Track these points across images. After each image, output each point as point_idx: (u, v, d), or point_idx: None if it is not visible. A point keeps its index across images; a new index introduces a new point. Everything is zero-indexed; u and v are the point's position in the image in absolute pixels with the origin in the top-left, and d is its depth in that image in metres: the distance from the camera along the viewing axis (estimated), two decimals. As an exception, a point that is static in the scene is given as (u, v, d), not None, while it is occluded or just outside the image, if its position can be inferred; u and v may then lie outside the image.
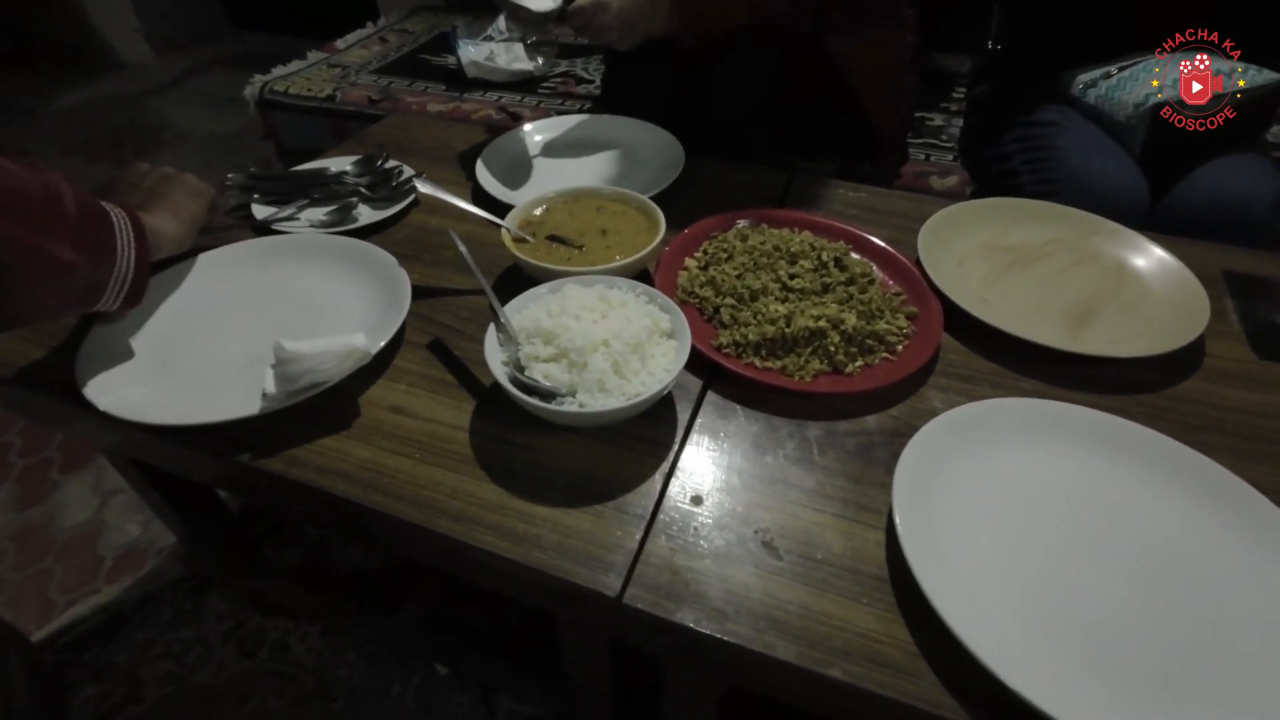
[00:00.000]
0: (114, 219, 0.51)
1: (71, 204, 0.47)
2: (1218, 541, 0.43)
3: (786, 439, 0.52)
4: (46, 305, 0.48)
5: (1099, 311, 0.63)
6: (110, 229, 0.51)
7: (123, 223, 0.52)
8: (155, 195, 0.62)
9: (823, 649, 0.39)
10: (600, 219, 0.68)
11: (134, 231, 0.53)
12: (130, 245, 0.52)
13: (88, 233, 0.48)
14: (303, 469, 0.49)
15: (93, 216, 0.50)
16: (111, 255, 0.51)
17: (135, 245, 0.52)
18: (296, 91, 1.45)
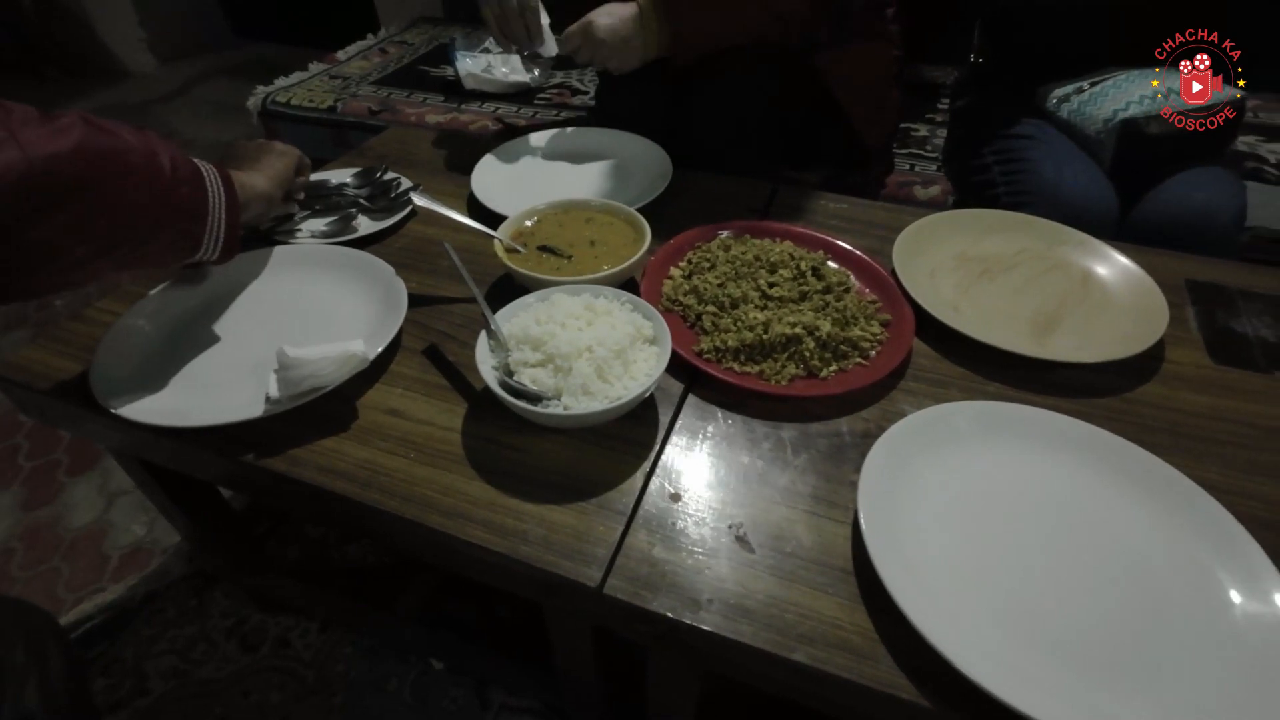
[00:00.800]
0: (205, 174, 0.57)
1: (167, 161, 0.52)
2: (1160, 534, 0.46)
3: (762, 439, 0.55)
4: (154, 255, 0.54)
5: (1064, 318, 0.66)
6: (202, 183, 0.56)
7: (213, 177, 0.57)
8: (245, 158, 0.71)
9: (789, 635, 0.42)
10: (589, 230, 0.71)
11: (224, 185, 0.58)
12: (221, 198, 0.57)
13: (182, 187, 0.54)
14: (304, 468, 0.52)
15: (187, 171, 0.55)
16: (204, 207, 0.56)
17: (226, 197, 0.58)
18: (298, 103, 1.49)
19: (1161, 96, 0.80)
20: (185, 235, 0.55)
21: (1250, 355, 0.62)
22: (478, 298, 0.58)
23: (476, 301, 0.58)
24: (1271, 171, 1.17)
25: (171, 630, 0.90)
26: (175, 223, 0.54)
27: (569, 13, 0.82)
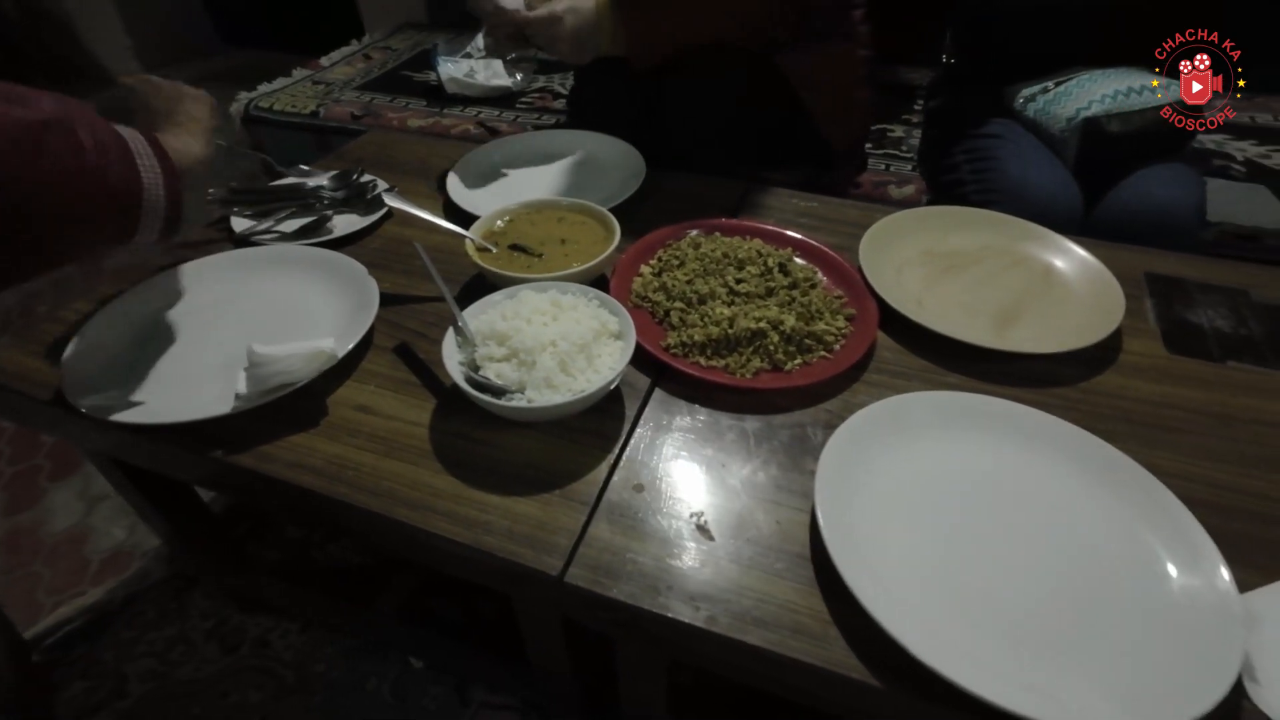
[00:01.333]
0: (133, 149, 0.50)
1: (88, 136, 0.46)
2: (1107, 517, 0.47)
3: (726, 431, 0.56)
4: (81, 244, 0.48)
5: (1025, 312, 0.67)
6: (131, 160, 0.49)
7: (143, 149, 0.50)
8: (160, 113, 0.62)
9: (745, 619, 0.43)
10: (560, 229, 0.72)
11: (158, 158, 0.51)
12: (156, 173, 0.50)
13: (111, 166, 0.47)
14: (273, 464, 0.52)
15: (111, 147, 0.48)
16: (137, 186, 0.49)
17: (162, 172, 0.50)
18: (281, 108, 1.49)
19: (1123, 96, 0.82)
20: (118, 222, 0.48)
21: (1205, 345, 0.64)
22: (445, 294, 0.59)
23: (445, 300, 0.59)
24: (1239, 169, 1.19)
25: (151, 632, 0.91)
26: (104, 210, 0.47)
27: None
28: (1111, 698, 0.37)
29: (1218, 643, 0.39)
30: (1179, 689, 0.37)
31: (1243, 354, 0.62)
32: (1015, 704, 0.36)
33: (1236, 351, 0.63)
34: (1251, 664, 0.39)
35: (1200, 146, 1.24)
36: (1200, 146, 1.24)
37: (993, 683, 0.37)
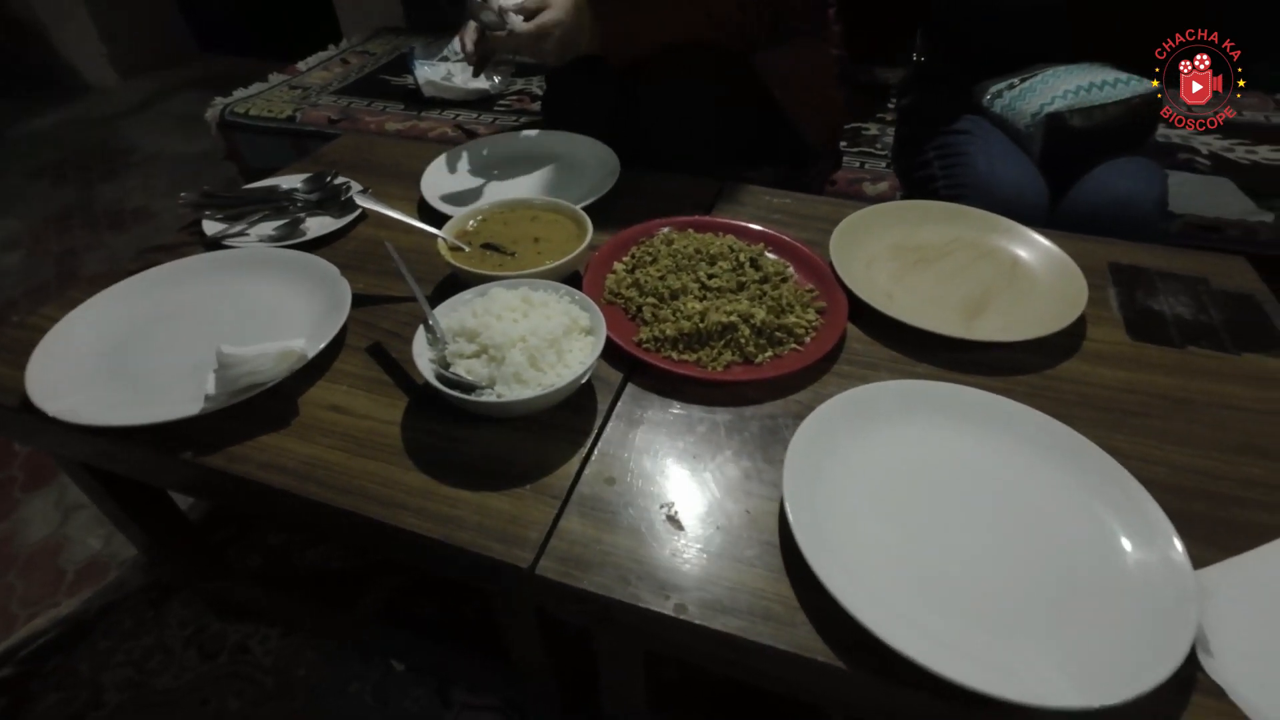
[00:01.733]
0: None
1: None
2: (1068, 499, 0.48)
3: (698, 423, 0.56)
4: None
5: (992, 302, 0.68)
6: None
7: None
8: None
9: (714, 607, 0.43)
10: (534, 228, 0.73)
11: None
12: None
13: None
14: (244, 465, 0.52)
15: None
16: None
17: None
18: (257, 113, 1.49)
19: (1084, 91, 0.84)
20: None
21: (1166, 332, 0.65)
22: (415, 293, 0.59)
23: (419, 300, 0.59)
24: (1203, 162, 1.22)
25: (128, 642, 0.89)
26: None
27: None
28: (1068, 671, 0.38)
29: (1172, 617, 0.40)
30: (1134, 661, 0.38)
31: (1202, 339, 0.64)
32: (974, 680, 0.37)
33: (1196, 337, 0.64)
34: (1205, 636, 0.40)
35: (1166, 141, 1.27)
36: (1166, 141, 1.27)
37: (953, 660, 0.37)
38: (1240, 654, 0.40)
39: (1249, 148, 1.25)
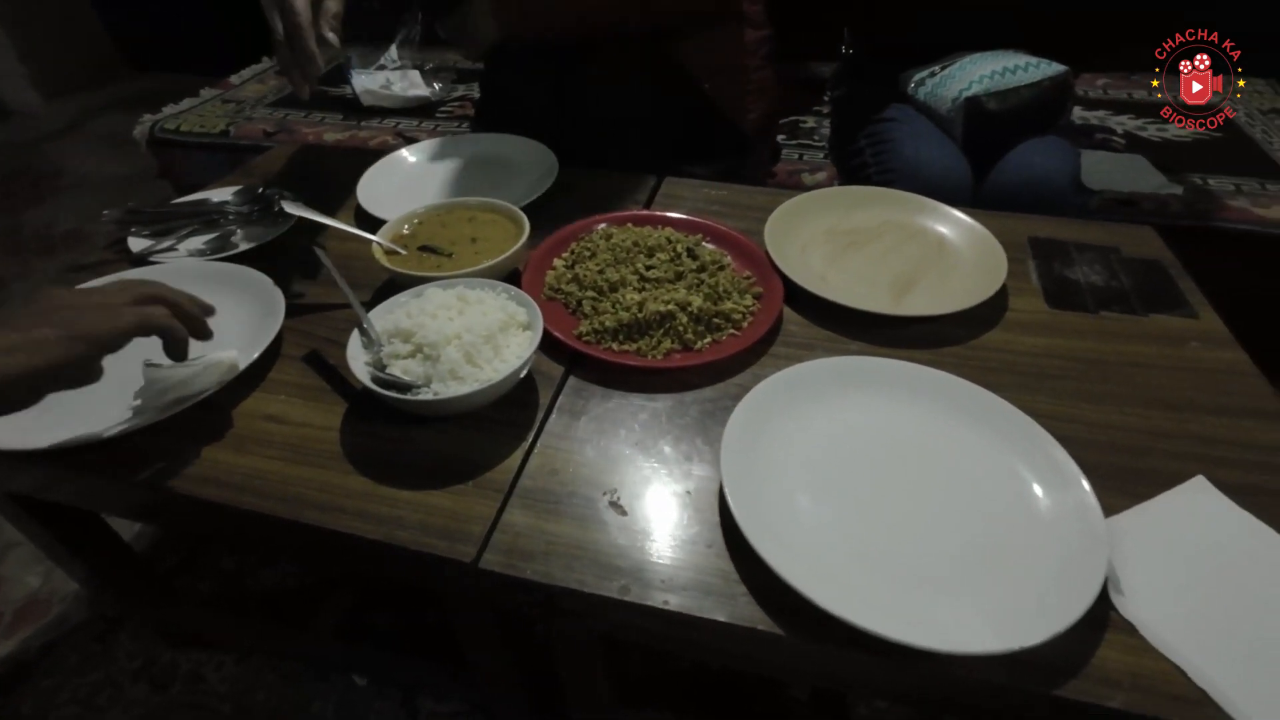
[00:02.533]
0: None
1: None
2: (990, 459, 0.50)
3: (639, 411, 0.57)
4: None
5: (920, 279, 0.71)
6: None
7: None
8: None
9: (655, 586, 0.44)
10: (471, 228, 0.73)
11: None
12: None
13: None
14: (177, 480, 0.51)
15: None
16: None
17: None
18: (189, 129, 1.44)
19: (998, 76, 0.88)
20: None
21: (1081, 299, 0.69)
22: (349, 297, 0.59)
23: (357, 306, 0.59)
24: (1119, 141, 1.28)
25: (74, 679, 0.86)
26: None
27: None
28: (990, 618, 0.40)
29: (1084, 560, 0.42)
30: (1051, 604, 0.40)
31: (1114, 304, 0.68)
32: (903, 635, 0.38)
33: (1109, 302, 0.68)
34: (1116, 577, 0.43)
35: (1084, 123, 1.34)
36: (1084, 123, 1.34)
37: (884, 618, 0.39)
38: (1148, 591, 0.42)
39: (1159, 126, 1.32)
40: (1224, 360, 0.60)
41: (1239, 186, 1.13)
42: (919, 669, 0.40)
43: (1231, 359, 0.60)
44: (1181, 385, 0.58)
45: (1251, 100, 1.41)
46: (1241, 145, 1.26)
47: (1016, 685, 0.39)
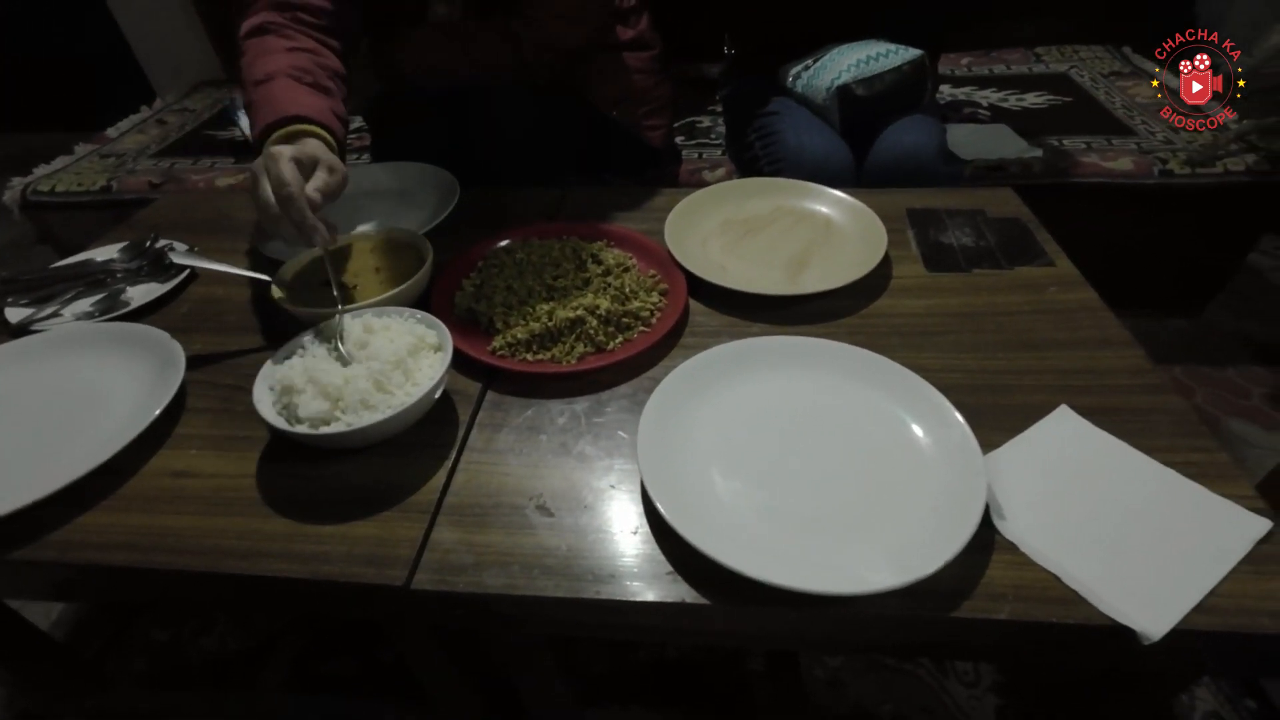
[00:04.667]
0: None
1: None
2: (882, 415, 0.54)
3: (558, 416, 0.59)
4: None
5: (812, 259, 0.76)
6: None
7: None
8: None
9: (586, 578, 0.46)
10: (374, 258, 0.73)
11: None
12: None
13: None
14: (80, 551, 0.49)
15: None
16: None
17: None
18: (65, 189, 1.36)
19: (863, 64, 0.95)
20: None
21: (955, 260, 0.75)
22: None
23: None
24: (984, 113, 1.39)
25: (-3, 788, 0.80)
26: None
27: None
28: (891, 557, 0.43)
29: (967, 492, 0.46)
30: (941, 535, 0.44)
31: (983, 261, 0.74)
32: (815, 584, 0.41)
33: (978, 260, 0.74)
34: (998, 504, 0.47)
35: (953, 98, 1.44)
36: (953, 98, 1.44)
37: (797, 572, 0.42)
38: (1025, 512, 0.47)
39: (1018, 96, 1.44)
40: (1077, 300, 0.67)
41: (1089, 144, 1.25)
42: (835, 613, 0.43)
43: (1083, 298, 0.68)
44: (1042, 326, 0.64)
45: (1094, 65, 1.55)
46: (1089, 107, 1.39)
47: (920, 614, 0.43)
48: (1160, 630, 0.40)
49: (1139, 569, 0.44)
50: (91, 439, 0.56)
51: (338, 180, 0.65)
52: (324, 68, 0.74)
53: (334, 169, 0.65)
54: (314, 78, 0.71)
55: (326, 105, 0.70)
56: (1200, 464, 0.50)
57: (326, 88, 0.72)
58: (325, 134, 0.68)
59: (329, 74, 0.74)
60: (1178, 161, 1.18)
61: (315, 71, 0.72)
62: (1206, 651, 0.43)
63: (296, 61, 0.72)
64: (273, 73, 0.70)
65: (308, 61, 0.72)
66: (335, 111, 0.71)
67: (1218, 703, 0.84)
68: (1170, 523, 0.46)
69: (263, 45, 0.73)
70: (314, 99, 0.70)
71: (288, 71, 0.70)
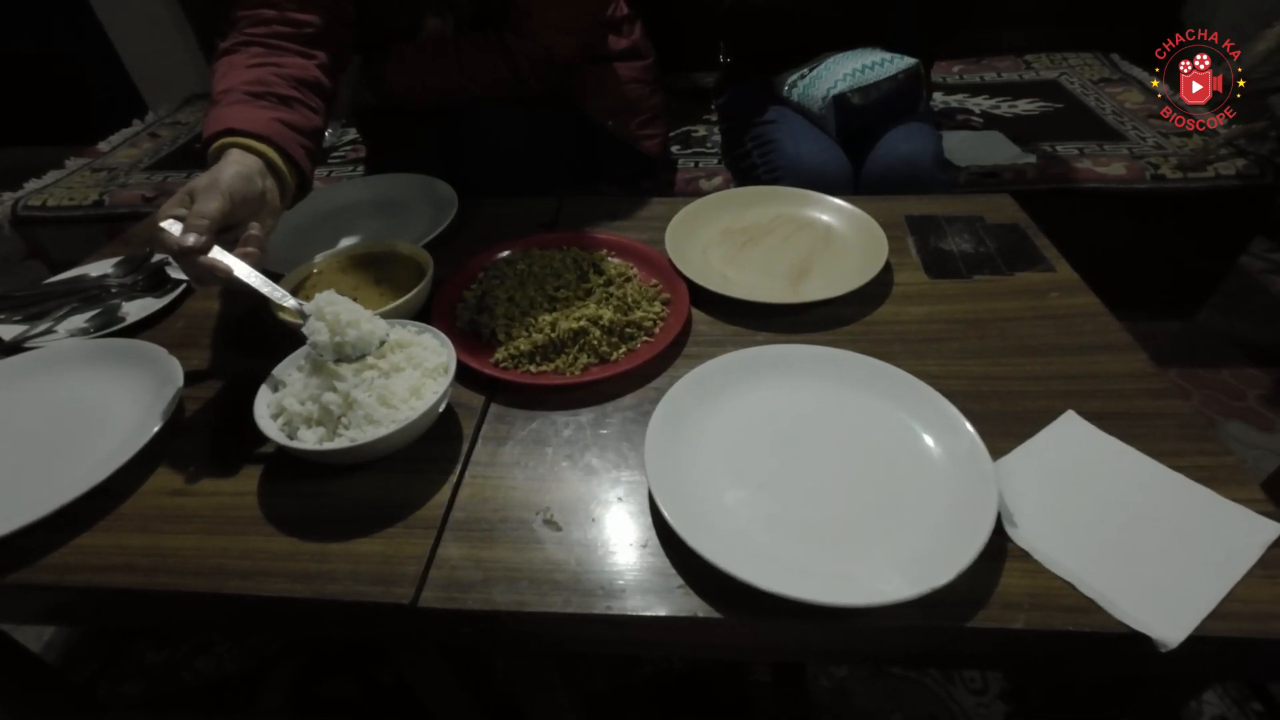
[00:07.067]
0: None
1: None
2: (889, 422, 0.54)
3: (563, 428, 0.58)
4: None
5: (813, 267, 0.76)
6: None
7: None
8: None
9: (594, 594, 0.45)
10: (374, 271, 0.72)
11: None
12: None
13: None
14: (79, 574, 0.48)
15: None
16: None
17: None
18: (56, 203, 1.35)
19: (859, 73, 0.95)
20: None
21: (955, 266, 0.75)
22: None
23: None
24: (977, 120, 1.40)
25: (-11, 818, 0.78)
26: None
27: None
28: (903, 568, 0.43)
29: (978, 500, 0.46)
30: (953, 545, 0.44)
31: (983, 267, 0.74)
32: (827, 596, 0.41)
33: (979, 266, 0.75)
34: (1009, 511, 0.47)
35: (945, 106, 1.46)
36: (945, 106, 1.46)
37: (809, 583, 0.41)
38: (1036, 519, 0.47)
39: (1010, 102, 1.46)
40: (1079, 305, 0.68)
41: (1082, 150, 1.26)
42: (847, 625, 0.43)
43: (1085, 303, 0.68)
44: (1045, 332, 0.64)
45: (1083, 72, 1.57)
46: (1080, 113, 1.40)
47: (933, 624, 0.42)
48: (1178, 637, 0.40)
49: (1152, 575, 0.44)
50: (88, 458, 0.55)
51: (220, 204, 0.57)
52: (288, 78, 0.71)
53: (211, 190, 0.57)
54: (268, 88, 0.69)
55: (268, 115, 0.66)
56: (1208, 467, 0.50)
57: (285, 96, 0.69)
58: (258, 144, 0.64)
59: (292, 83, 0.71)
60: (1169, 166, 1.19)
61: (274, 83, 0.69)
62: (1222, 657, 0.43)
63: (254, 75, 0.69)
64: (225, 90, 0.68)
65: (268, 74, 0.70)
66: (285, 120, 0.67)
67: (1224, 706, 0.84)
68: (1181, 527, 0.46)
69: (228, 64, 0.72)
70: (252, 111, 0.66)
71: (240, 87, 0.68)
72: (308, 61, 0.75)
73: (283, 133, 0.66)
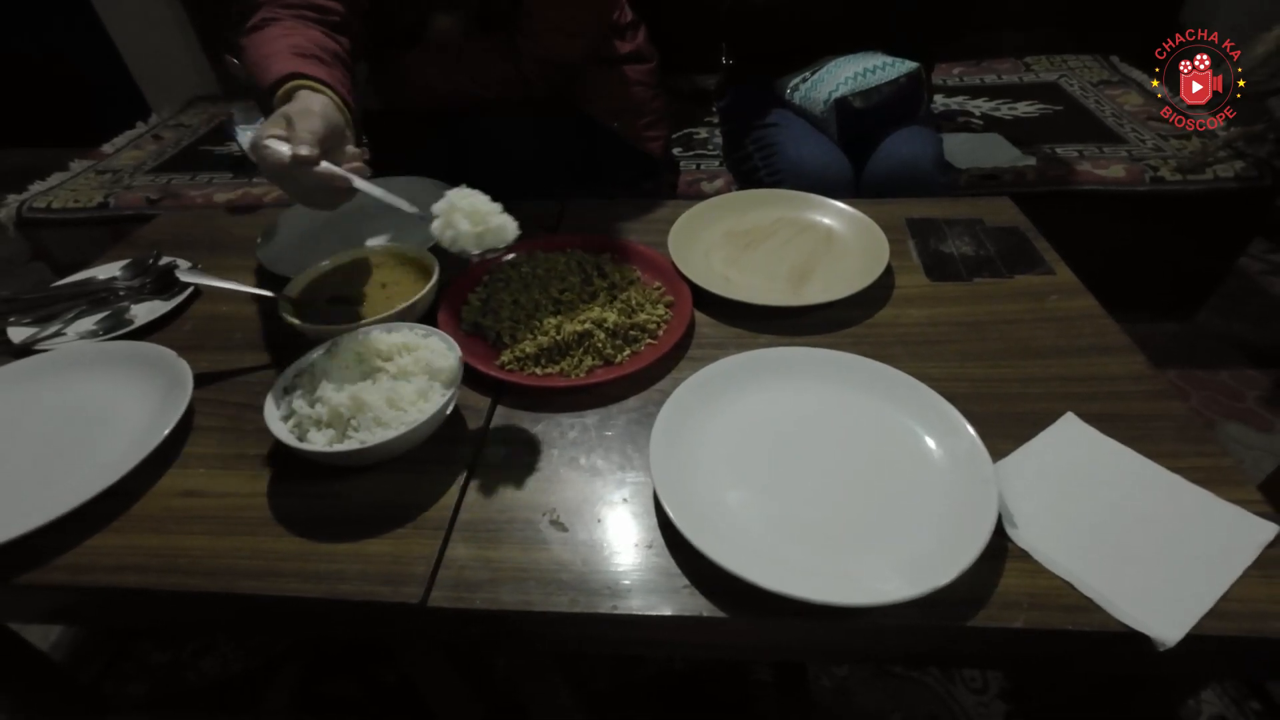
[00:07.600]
0: None
1: None
2: (890, 424, 0.55)
3: (569, 429, 0.59)
4: None
5: (815, 269, 0.76)
6: None
7: None
8: None
9: (600, 594, 0.46)
10: (380, 274, 0.73)
11: None
12: None
13: None
14: (91, 574, 0.49)
15: None
16: None
17: None
18: (61, 205, 1.36)
19: (861, 76, 0.96)
20: None
21: (956, 269, 0.76)
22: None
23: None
24: (977, 122, 1.41)
25: (-4, 816, 0.78)
26: None
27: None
28: (905, 568, 0.44)
29: (978, 501, 0.47)
30: (953, 545, 0.44)
31: (983, 270, 0.75)
32: (828, 596, 0.41)
33: (979, 269, 0.75)
34: (1009, 512, 0.48)
35: (946, 108, 1.46)
36: (946, 108, 1.46)
37: (811, 583, 0.42)
38: (1036, 520, 0.48)
39: (1010, 105, 1.46)
40: (1078, 308, 0.68)
41: (1081, 152, 1.26)
42: (849, 625, 0.44)
43: (1084, 305, 0.68)
44: (1045, 334, 0.65)
45: (1083, 74, 1.58)
46: (1079, 115, 1.41)
47: (934, 623, 0.43)
48: (1176, 636, 0.40)
49: (1151, 575, 0.44)
50: (100, 460, 0.55)
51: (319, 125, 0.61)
52: (326, 49, 0.73)
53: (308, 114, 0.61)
54: (312, 51, 0.71)
55: (325, 71, 0.69)
56: (1206, 469, 0.50)
57: (328, 60, 0.72)
58: (324, 89, 0.66)
59: (330, 54, 0.73)
60: (1168, 169, 1.20)
61: (313, 50, 0.71)
62: (1219, 656, 0.44)
63: (294, 41, 0.71)
64: (269, 53, 0.70)
65: (307, 42, 0.72)
66: (337, 79, 0.70)
67: (1223, 705, 0.84)
68: (1179, 528, 0.47)
69: (261, 37, 0.74)
70: (307, 64, 0.68)
71: (286, 50, 0.70)
72: (335, 44, 0.76)
73: (340, 85, 0.69)
